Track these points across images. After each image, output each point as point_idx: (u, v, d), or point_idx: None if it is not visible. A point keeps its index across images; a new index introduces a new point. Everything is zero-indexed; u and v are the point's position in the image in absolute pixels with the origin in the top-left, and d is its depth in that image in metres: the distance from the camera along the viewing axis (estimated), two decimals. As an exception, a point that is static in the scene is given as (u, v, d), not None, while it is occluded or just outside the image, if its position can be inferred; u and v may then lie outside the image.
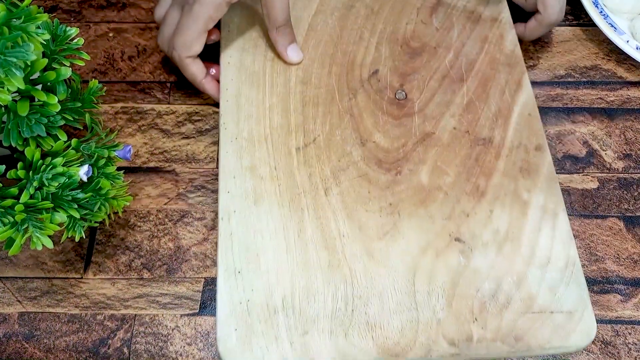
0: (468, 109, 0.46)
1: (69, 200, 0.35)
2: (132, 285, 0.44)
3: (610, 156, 0.50)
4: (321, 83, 0.47)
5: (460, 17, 0.51)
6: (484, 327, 0.38)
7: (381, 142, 0.44)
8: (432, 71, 0.48)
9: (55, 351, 0.42)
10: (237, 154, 0.43)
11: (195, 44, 0.45)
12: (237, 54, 0.48)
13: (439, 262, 0.40)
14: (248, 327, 0.37)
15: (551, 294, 0.39)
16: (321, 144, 0.44)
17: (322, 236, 0.40)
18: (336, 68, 0.48)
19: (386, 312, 0.38)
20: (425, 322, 0.38)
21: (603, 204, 0.48)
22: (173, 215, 0.47)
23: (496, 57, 0.48)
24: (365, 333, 0.37)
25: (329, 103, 0.46)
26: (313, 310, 0.38)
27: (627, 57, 0.55)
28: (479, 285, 0.39)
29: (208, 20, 0.43)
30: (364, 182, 0.42)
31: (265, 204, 0.41)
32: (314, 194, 0.42)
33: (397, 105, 0.46)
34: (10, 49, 0.30)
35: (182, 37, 0.44)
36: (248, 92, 0.46)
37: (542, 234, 0.41)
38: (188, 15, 0.44)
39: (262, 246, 0.40)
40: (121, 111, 0.52)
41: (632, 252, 0.46)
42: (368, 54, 0.48)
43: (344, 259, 0.39)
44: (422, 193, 0.42)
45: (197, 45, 0.45)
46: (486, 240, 0.40)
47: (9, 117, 0.33)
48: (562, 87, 0.54)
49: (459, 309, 0.38)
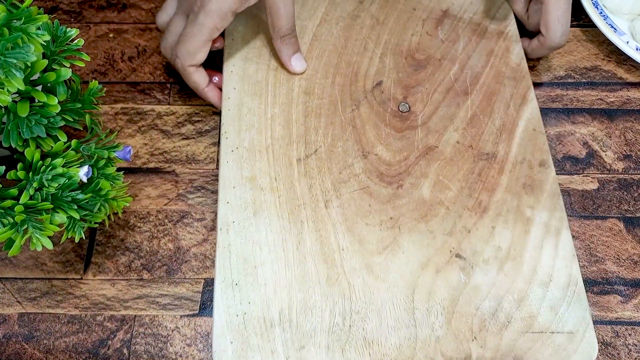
0: (472, 123, 0.45)
1: (69, 201, 0.35)
2: (131, 286, 0.44)
3: (610, 157, 0.50)
4: (324, 94, 0.46)
5: (466, 30, 0.50)
6: (483, 346, 0.37)
7: (383, 154, 0.44)
8: (437, 84, 0.47)
9: (55, 352, 0.42)
10: (237, 164, 0.43)
11: (199, 53, 0.44)
12: (241, 63, 0.48)
13: (439, 278, 0.39)
14: (244, 341, 0.36)
15: (552, 313, 0.38)
16: (322, 155, 0.43)
17: (321, 249, 0.40)
18: (340, 79, 0.47)
19: (384, 328, 0.37)
20: (424, 340, 0.37)
21: (603, 205, 0.48)
22: (173, 216, 0.47)
23: (502, 70, 0.48)
24: (362, 349, 0.37)
25: (331, 114, 0.45)
26: (310, 325, 0.37)
27: (627, 58, 0.55)
28: (479, 303, 0.38)
29: (213, 29, 0.43)
30: (365, 195, 0.42)
31: (264, 215, 0.41)
32: (314, 206, 0.41)
33: (400, 118, 0.45)
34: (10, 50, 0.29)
35: (186, 46, 0.44)
36: (250, 102, 0.46)
37: (544, 252, 0.40)
38: (193, 24, 0.43)
39: (260, 258, 0.39)
40: (121, 112, 0.51)
41: (632, 253, 0.46)
42: (372, 65, 0.48)
43: (343, 273, 0.39)
44: (424, 207, 0.42)
45: (201, 54, 0.44)
46: (487, 257, 0.40)
47: (9, 118, 0.33)
48: (562, 88, 0.54)
49: (458, 327, 0.38)
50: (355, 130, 0.45)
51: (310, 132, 0.44)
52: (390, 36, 0.50)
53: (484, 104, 0.46)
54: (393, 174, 0.43)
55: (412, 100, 0.46)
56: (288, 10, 0.44)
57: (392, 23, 0.51)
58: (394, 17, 0.51)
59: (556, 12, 0.46)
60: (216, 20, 0.42)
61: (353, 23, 0.50)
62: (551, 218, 0.41)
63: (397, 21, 0.51)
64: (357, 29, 0.50)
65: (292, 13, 0.44)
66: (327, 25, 0.50)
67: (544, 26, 0.47)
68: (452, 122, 0.45)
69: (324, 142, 0.44)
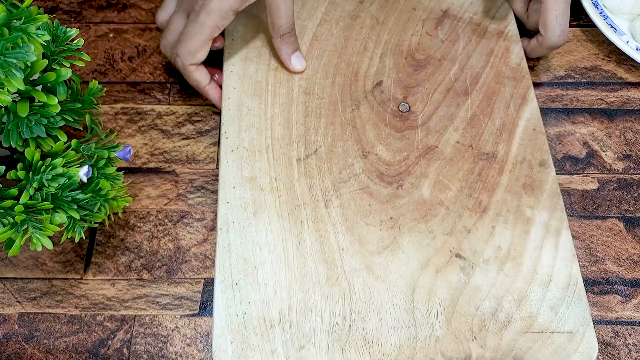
0: (472, 123, 0.45)
1: (69, 201, 0.35)
2: (131, 286, 0.44)
3: (610, 157, 0.50)
4: (324, 93, 0.46)
5: (466, 30, 0.50)
6: (483, 346, 0.37)
7: (383, 154, 0.44)
8: (437, 84, 0.47)
9: (55, 352, 0.42)
10: (237, 164, 0.43)
11: (200, 51, 0.44)
12: (240, 62, 0.48)
13: (438, 278, 0.39)
14: (244, 341, 0.36)
15: (552, 313, 0.38)
16: (322, 155, 0.43)
17: (321, 249, 0.40)
18: (339, 78, 0.47)
19: (384, 328, 0.37)
20: (424, 340, 0.37)
21: (603, 205, 0.48)
22: (173, 216, 0.47)
23: (502, 70, 0.48)
24: (362, 349, 0.37)
25: (331, 114, 0.45)
26: (310, 325, 0.37)
27: (627, 58, 0.55)
28: (479, 303, 0.38)
29: (214, 28, 0.43)
30: (365, 195, 0.42)
31: (264, 215, 0.41)
32: (314, 206, 0.41)
33: (400, 118, 0.45)
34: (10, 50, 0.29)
35: (186, 45, 0.44)
36: (250, 102, 0.46)
37: (544, 252, 0.40)
38: (194, 23, 0.43)
39: (260, 258, 0.39)
40: (121, 112, 0.51)
41: (632, 252, 0.46)
42: (372, 65, 0.48)
43: (343, 273, 0.39)
44: (424, 207, 0.42)
45: (202, 53, 0.44)
46: (487, 257, 0.40)
47: (9, 118, 0.33)
48: (562, 88, 0.54)
49: (458, 327, 0.38)
50: (355, 130, 0.45)
51: (310, 132, 0.44)
52: (390, 36, 0.50)
53: (484, 104, 0.46)
54: (393, 174, 0.43)
55: (412, 100, 0.46)
56: (287, 9, 0.44)
57: (392, 23, 0.51)
58: (394, 17, 0.51)
59: (554, 11, 0.46)
60: (217, 19, 0.42)
61: (353, 23, 0.50)
62: (551, 218, 0.41)
63: (397, 21, 0.51)
64: (357, 29, 0.50)
65: (291, 12, 0.44)
66: (327, 25, 0.50)
67: (543, 25, 0.47)
68: (452, 122, 0.45)
69: (324, 142, 0.44)
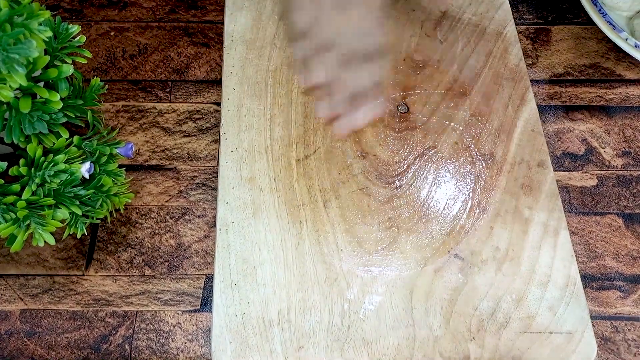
0: (470, 123, 0.45)
1: (71, 197, 0.35)
2: (133, 282, 0.44)
3: (609, 154, 0.50)
4: None
5: (464, 31, 0.50)
6: (481, 346, 0.37)
7: (382, 155, 0.44)
8: (435, 85, 0.47)
9: (56, 348, 0.42)
10: (236, 165, 0.43)
11: None
12: (240, 64, 0.48)
13: (437, 278, 0.39)
14: (243, 341, 0.37)
15: (551, 313, 0.38)
16: (321, 156, 0.43)
17: (320, 250, 0.40)
18: (339, 78, 0.47)
19: (382, 328, 0.37)
20: (422, 340, 0.37)
21: (602, 201, 0.48)
22: (174, 212, 0.47)
23: (500, 71, 0.48)
24: (360, 349, 0.37)
25: (331, 114, 0.45)
26: (309, 325, 0.37)
27: (626, 55, 0.55)
28: (477, 304, 0.38)
29: None
30: (364, 196, 0.42)
31: (263, 215, 0.41)
32: (313, 206, 0.41)
33: (399, 119, 0.45)
34: (12, 46, 0.29)
35: None
36: (249, 103, 0.46)
37: (542, 252, 0.40)
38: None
39: (259, 258, 0.39)
40: (122, 109, 0.51)
41: (631, 248, 0.46)
42: (372, 64, 0.48)
43: (342, 274, 0.39)
44: (422, 208, 0.42)
45: None
46: (486, 258, 0.40)
47: (11, 114, 0.33)
48: (561, 85, 0.54)
49: (457, 327, 0.38)
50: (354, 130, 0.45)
51: (309, 133, 0.44)
52: (389, 37, 0.50)
53: (482, 104, 0.46)
54: (391, 174, 0.43)
55: (410, 101, 0.46)
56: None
57: (391, 24, 0.51)
58: (393, 19, 0.51)
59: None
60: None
61: (353, 23, 0.50)
62: (549, 218, 0.41)
63: (396, 23, 0.51)
64: (357, 29, 0.50)
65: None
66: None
67: None
68: (451, 122, 0.45)
69: (323, 143, 0.44)
